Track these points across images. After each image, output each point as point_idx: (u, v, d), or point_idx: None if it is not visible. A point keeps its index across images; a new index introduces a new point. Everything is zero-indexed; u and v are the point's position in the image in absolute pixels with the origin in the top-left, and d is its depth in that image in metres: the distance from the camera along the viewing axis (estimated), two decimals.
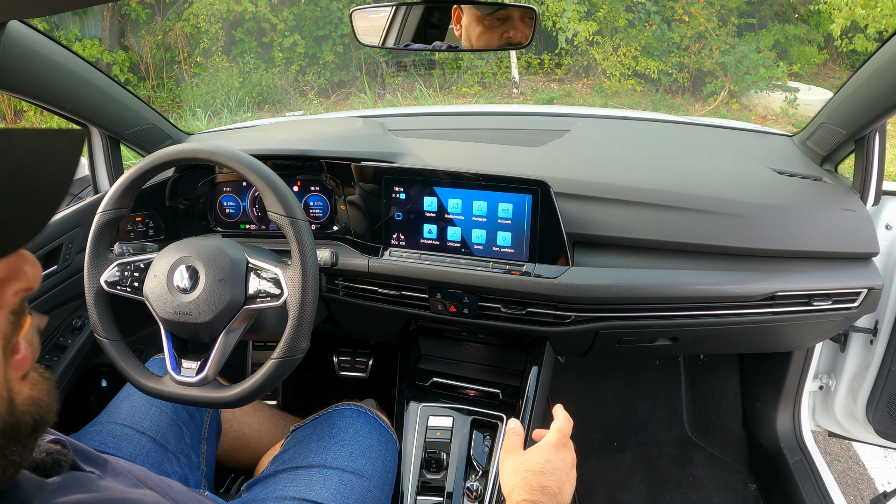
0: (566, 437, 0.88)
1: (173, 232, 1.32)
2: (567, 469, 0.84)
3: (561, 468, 0.83)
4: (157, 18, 7.07)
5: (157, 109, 1.39)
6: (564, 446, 0.87)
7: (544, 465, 0.83)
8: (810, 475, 1.49)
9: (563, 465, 0.84)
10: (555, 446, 0.86)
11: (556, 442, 0.87)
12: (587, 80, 7.01)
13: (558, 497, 0.79)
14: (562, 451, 0.86)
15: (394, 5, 1.07)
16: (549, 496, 0.79)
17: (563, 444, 0.87)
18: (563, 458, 0.85)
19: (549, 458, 0.84)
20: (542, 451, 0.85)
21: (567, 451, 0.87)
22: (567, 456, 0.86)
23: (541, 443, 0.87)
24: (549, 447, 0.86)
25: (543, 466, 0.82)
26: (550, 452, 0.85)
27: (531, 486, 0.79)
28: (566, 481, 0.82)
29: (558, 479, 0.81)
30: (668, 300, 1.07)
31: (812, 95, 6.01)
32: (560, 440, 0.87)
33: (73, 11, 6.65)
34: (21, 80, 1.01)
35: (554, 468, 0.82)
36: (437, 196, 1.12)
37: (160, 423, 1.02)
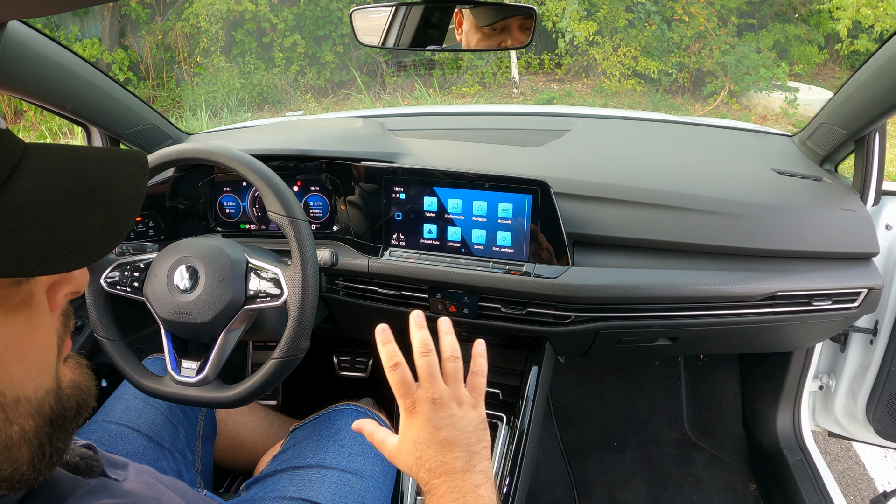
0: (404, 399, 0.67)
1: (173, 232, 1.32)
2: (434, 430, 0.65)
3: (423, 438, 0.65)
4: (157, 18, 7.07)
5: (157, 109, 1.39)
6: (409, 412, 0.67)
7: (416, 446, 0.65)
8: (810, 475, 1.49)
9: (423, 433, 0.65)
10: (404, 424, 0.67)
11: (403, 418, 0.67)
12: (587, 80, 7.01)
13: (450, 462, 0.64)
14: (411, 420, 0.66)
15: (394, 5, 1.07)
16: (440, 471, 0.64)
17: (406, 410, 0.67)
18: (418, 426, 0.66)
19: (411, 440, 0.66)
20: (403, 440, 0.67)
21: (416, 415, 0.66)
22: (418, 419, 0.66)
23: (399, 431, 0.68)
24: (402, 429, 0.67)
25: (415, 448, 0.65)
26: (405, 433, 0.67)
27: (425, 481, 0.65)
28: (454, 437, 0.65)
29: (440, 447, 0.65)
30: (668, 300, 1.07)
31: (812, 95, 6.01)
32: (403, 409, 0.67)
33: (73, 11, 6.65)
34: (21, 80, 1.01)
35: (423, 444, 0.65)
36: (437, 196, 1.12)
37: (155, 421, 1.03)
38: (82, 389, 0.47)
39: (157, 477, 0.68)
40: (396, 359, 0.68)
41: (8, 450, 0.40)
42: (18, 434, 0.41)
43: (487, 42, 1.05)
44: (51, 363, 0.43)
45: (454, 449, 0.65)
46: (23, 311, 0.40)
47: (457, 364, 0.71)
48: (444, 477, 0.64)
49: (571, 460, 1.73)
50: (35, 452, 0.42)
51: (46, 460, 0.44)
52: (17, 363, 0.40)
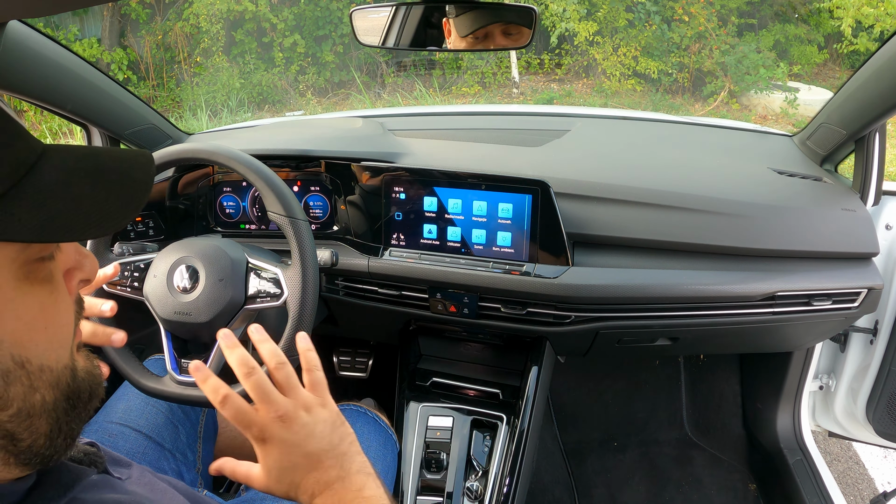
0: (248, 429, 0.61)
1: (173, 232, 1.32)
2: (291, 448, 0.61)
3: (286, 456, 0.61)
4: (157, 18, 7.07)
5: (157, 109, 1.39)
6: (260, 440, 0.61)
7: (280, 481, 0.61)
8: (810, 475, 1.49)
9: (283, 452, 0.61)
10: (260, 454, 0.61)
11: (257, 449, 0.62)
12: (587, 80, 7.01)
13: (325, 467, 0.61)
14: (268, 449, 0.61)
15: (394, 5, 1.07)
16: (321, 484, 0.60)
17: (258, 440, 0.61)
18: (278, 448, 0.61)
19: (276, 469, 0.61)
20: (267, 474, 0.62)
21: (270, 441, 0.61)
22: (277, 442, 0.61)
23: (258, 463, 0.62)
24: (260, 460, 0.62)
25: (281, 483, 0.61)
26: (266, 462, 0.61)
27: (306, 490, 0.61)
28: (310, 450, 0.61)
29: (306, 463, 0.61)
30: (668, 300, 1.07)
31: (812, 95, 6.01)
32: (254, 439, 0.61)
33: (73, 11, 6.65)
34: (21, 80, 1.01)
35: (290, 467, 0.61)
36: (437, 196, 1.12)
37: (156, 421, 1.03)
38: (94, 376, 0.51)
39: (157, 476, 0.68)
40: (223, 391, 0.61)
41: (30, 418, 0.43)
42: (40, 403, 0.44)
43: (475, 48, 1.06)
44: (68, 339, 0.47)
45: (322, 460, 0.61)
46: (46, 286, 0.44)
47: (286, 370, 0.64)
48: (325, 494, 0.60)
49: (571, 460, 1.73)
50: (53, 426, 0.45)
51: (62, 439, 0.46)
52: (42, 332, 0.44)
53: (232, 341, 0.65)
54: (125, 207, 0.44)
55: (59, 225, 0.40)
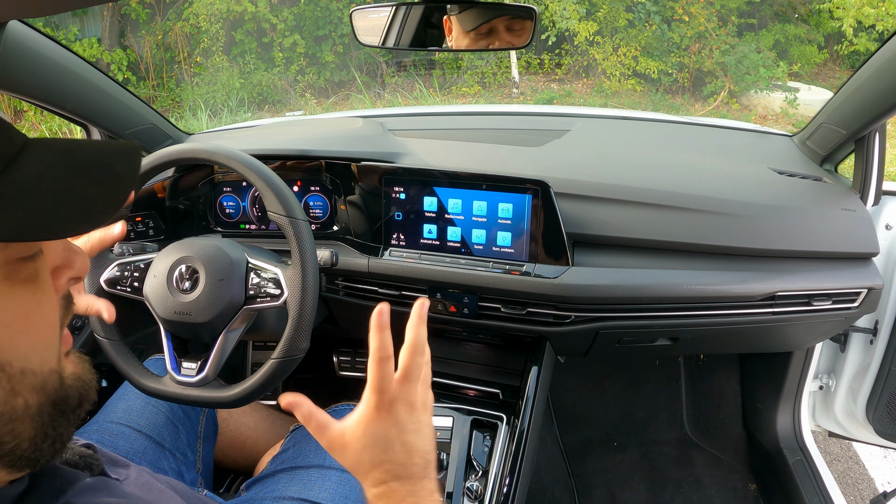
0: (379, 395, 0.62)
1: (173, 232, 1.32)
2: (402, 430, 0.62)
3: (393, 436, 0.61)
4: (157, 18, 7.07)
5: (157, 109, 1.39)
6: (379, 409, 0.62)
7: (373, 449, 0.61)
8: (810, 475, 1.49)
9: (393, 431, 0.61)
10: (368, 418, 0.62)
11: (367, 412, 0.62)
12: (587, 80, 7.01)
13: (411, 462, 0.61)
14: (383, 418, 0.62)
15: (394, 5, 1.07)
16: (399, 472, 0.61)
17: (376, 407, 0.62)
18: (390, 424, 0.62)
19: (373, 437, 0.61)
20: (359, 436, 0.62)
21: (390, 413, 0.62)
22: (393, 419, 0.62)
23: (353, 421, 0.63)
24: (363, 423, 0.62)
25: (372, 452, 0.61)
26: (367, 428, 0.61)
27: (374, 479, 0.61)
28: (412, 442, 0.62)
29: (402, 449, 0.61)
30: (668, 300, 1.07)
31: (812, 95, 6.01)
32: (373, 404, 0.62)
33: (73, 11, 6.65)
34: (21, 80, 1.01)
35: (386, 442, 0.61)
36: (436, 196, 1.12)
37: (156, 421, 1.03)
38: (84, 381, 0.49)
39: (155, 477, 0.68)
40: (388, 352, 0.62)
41: (11, 422, 0.42)
42: (23, 407, 0.42)
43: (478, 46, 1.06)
44: (54, 342, 0.46)
45: (415, 454, 0.62)
46: (29, 286, 0.42)
47: (429, 367, 0.67)
48: (404, 480, 0.60)
49: (571, 460, 1.73)
50: (37, 431, 0.44)
51: (48, 443, 0.45)
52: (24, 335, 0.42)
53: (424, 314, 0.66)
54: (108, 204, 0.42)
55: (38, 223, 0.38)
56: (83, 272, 0.49)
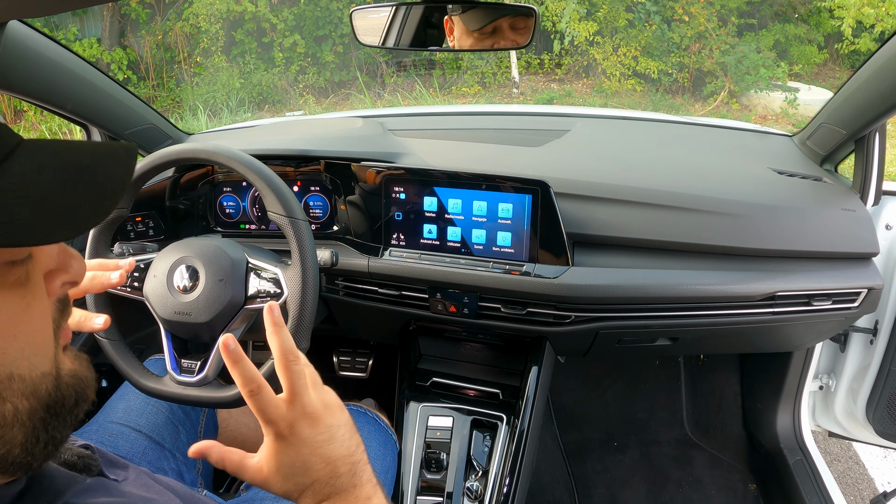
0: (272, 424, 0.58)
1: (173, 232, 1.32)
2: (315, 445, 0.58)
3: (306, 454, 0.58)
4: (157, 18, 7.07)
5: (157, 109, 1.39)
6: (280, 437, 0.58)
7: (293, 476, 0.58)
8: (810, 475, 1.49)
9: (305, 451, 0.58)
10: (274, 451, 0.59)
11: (271, 445, 0.59)
12: (587, 80, 7.01)
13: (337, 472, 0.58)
14: (289, 444, 0.58)
15: (394, 5, 1.07)
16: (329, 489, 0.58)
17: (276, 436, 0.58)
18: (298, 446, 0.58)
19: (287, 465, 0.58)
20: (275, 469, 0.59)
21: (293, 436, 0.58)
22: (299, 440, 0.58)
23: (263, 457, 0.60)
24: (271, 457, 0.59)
25: (293, 479, 0.58)
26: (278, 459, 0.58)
27: (309, 500, 0.58)
28: (328, 451, 0.59)
29: (321, 462, 0.58)
30: (668, 300, 1.07)
31: (812, 95, 6.01)
32: (272, 436, 0.58)
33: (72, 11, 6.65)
34: (21, 80, 1.01)
35: (302, 464, 0.58)
36: (436, 196, 1.12)
37: (156, 421, 1.03)
38: (82, 380, 0.48)
39: (154, 478, 0.68)
40: (257, 381, 0.57)
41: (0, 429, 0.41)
42: (11, 413, 0.41)
43: (481, 45, 1.05)
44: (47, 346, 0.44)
45: (337, 464, 0.59)
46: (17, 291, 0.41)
47: (310, 367, 0.64)
48: (336, 498, 0.58)
49: (571, 460, 1.73)
50: (28, 436, 0.43)
51: (41, 447, 0.44)
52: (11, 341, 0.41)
53: (279, 318, 0.61)
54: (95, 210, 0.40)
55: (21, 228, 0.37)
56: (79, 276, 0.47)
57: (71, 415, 0.47)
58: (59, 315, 0.47)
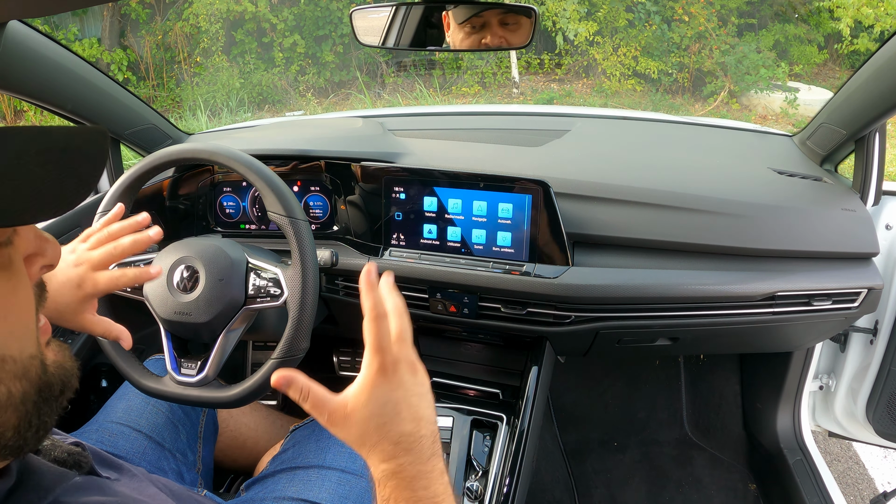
0: (381, 354, 0.58)
1: (173, 232, 1.32)
2: (408, 391, 0.58)
3: (400, 399, 0.57)
4: (157, 18, 7.07)
5: (157, 109, 1.39)
6: (383, 370, 0.58)
7: (380, 416, 0.57)
8: (810, 475, 1.49)
9: (399, 393, 0.58)
10: (372, 382, 0.58)
11: (370, 375, 0.58)
12: (587, 80, 7.01)
13: (418, 431, 0.57)
14: (389, 379, 0.58)
15: (394, 5, 1.07)
16: (409, 443, 0.56)
17: (380, 368, 0.58)
18: (395, 386, 0.58)
19: (379, 402, 0.57)
20: (365, 402, 0.57)
21: (395, 374, 0.58)
22: (398, 380, 0.58)
23: (356, 387, 0.59)
24: (367, 387, 0.58)
25: (379, 418, 0.56)
26: (373, 392, 0.57)
27: (383, 451, 0.56)
28: (418, 406, 0.58)
29: (409, 413, 0.57)
30: (668, 300, 1.07)
31: (812, 95, 6.01)
32: (375, 366, 0.58)
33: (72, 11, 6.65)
34: (21, 80, 1.01)
35: (393, 407, 0.57)
36: (437, 196, 1.12)
37: (156, 421, 1.03)
38: (66, 369, 0.49)
39: (150, 478, 0.67)
40: (383, 309, 0.59)
41: None
42: (6, 396, 0.42)
43: (470, 41, 1.06)
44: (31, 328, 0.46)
45: (422, 424, 0.57)
46: (4, 274, 0.43)
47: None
48: (414, 456, 0.56)
49: (571, 460, 1.73)
50: (22, 419, 0.44)
51: (33, 431, 0.45)
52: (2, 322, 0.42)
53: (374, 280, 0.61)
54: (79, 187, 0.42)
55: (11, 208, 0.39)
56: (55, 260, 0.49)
57: (57, 402, 0.48)
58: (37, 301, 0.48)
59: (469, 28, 1.04)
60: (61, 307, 0.80)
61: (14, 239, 0.44)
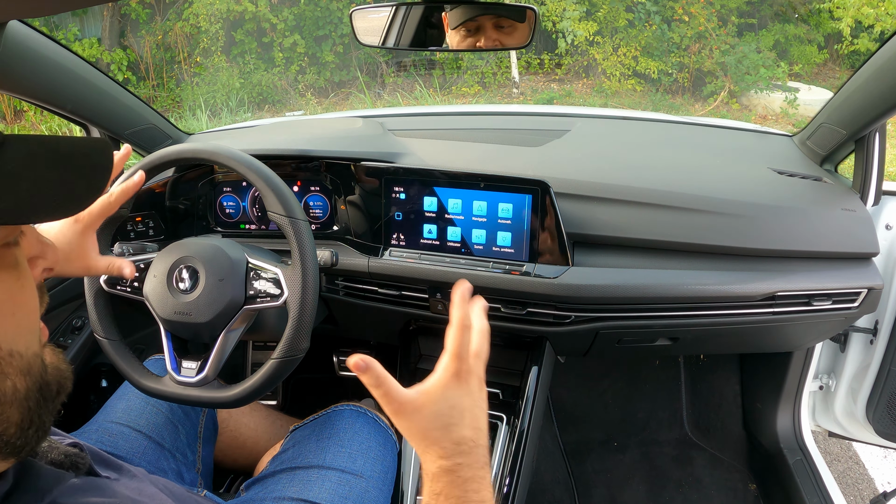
0: (460, 362, 0.65)
1: (173, 232, 1.32)
2: (475, 402, 0.65)
3: (466, 406, 0.64)
4: (157, 18, 7.07)
5: (157, 109, 1.39)
6: (459, 376, 0.64)
7: (447, 416, 0.62)
8: (810, 475, 1.49)
9: (467, 401, 0.64)
10: (446, 383, 0.64)
11: (446, 377, 0.64)
12: (587, 80, 7.01)
13: (477, 439, 0.63)
14: (461, 386, 0.64)
15: (394, 5, 1.07)
16: (468, 447, 0.61)
17: (455, 373, 0.64)
18: (465, 394, 0.64)
19: (449, 403, 0.63)
20: (436, 399, 0.63)
21: (467, 383, 0.65)
22: (469, 389, 0.65)
23: (429, 385, 0.63)
24: (440, 387, 0.63)
25: (446, 418, 0.62)
26: (445, 393, 0.63)
27: (443, 449, 0.61)
28: (479, 413, 0.66)
29: (471, 421, 0.63)
30: (668, 300, 1.07)
31: (812, 95, 6.01)
32: (452, 370, 0.64)
33: (72, 11, 6.65)
34: (21, 80, 1.01)
35: (460, 412, 0.63)
36: (436, 196, 1.12)
37: (156, 421, 1.03)
38: (61, 371, 0.52)
39: (150, 478, 0.68)
40: (470, 322, 0.68)
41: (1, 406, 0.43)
42: (11, 391, 0.44)
43: (466, 43, 1.06)
44: (35, 326, 0.48)
45: (480, 434, 0.64)
46: (13, 272, 0.45)
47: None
48: (470, 460, 0.60)
49: (571, 460, 1.73)
50: (24, 416, 0.45)
51: (33, 430, 0.47)
52: (10, 318, 0.44)
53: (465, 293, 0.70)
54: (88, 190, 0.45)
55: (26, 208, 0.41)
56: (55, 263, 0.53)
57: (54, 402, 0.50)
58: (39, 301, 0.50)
59: (464, 31, 1.04)
60: (66, 249, 0.84)
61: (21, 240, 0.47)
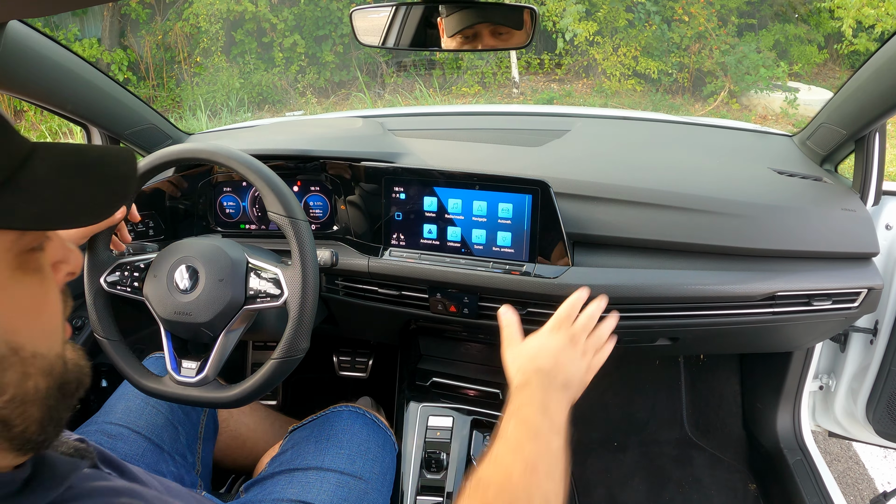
0: (563, 321, 0.88)
1: (173, 232, 1.32)
2: (561, 347, 0.85)
3: (555, 347, 0.84)
4: (157, 18, 7.07)
5: (157, 109, 1.39)
6: (558, 329, 0.87)
7: (538, 349, 0.85)
8: (810, 475, 1.49)
9: (556, 345, 0.85)
10: (548, 331, 0.88)
11: (549, 327, 0.88)
12: (587, 80, 7.01)
13: (553, 374, 0.82)
14: (555, 333, 0.87)
15: (394, 5, 1.07)
16: (543, 375, 0.81)
17: (557, 326, 0.88)
18: (557, 339, 0.86)
19: (542, 342, 0.86)
20: (537, 337, 0.87)
21: (561, 332, 0.87)
22: (560, 336, 0.86)
23: (538, 331, 0.89)
24: (543, 332, 0.88)
25: (537, 350, 0.85)
26: (543, 336, 0.87)
27: (525, 371, 0.82)
28: (565, 362, 0.84)
29: (553, 359, 0.83)
30: (668, 300, 1.07)
31: (812, 95, 6.01)
32: (555, 324, 0.88)
33: (73, 11, 6.65)
34: (21, 80, 1.01)
35: (548, 349, 0.84)
36: (436, 196, 1.12)
37: (155, 422, 1.02)
38: (81, 367, 0.53)
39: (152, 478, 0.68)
40: (578, 307, 0.91)
41: (23, 404, 0.45)
42: (33, 390, 0.45)
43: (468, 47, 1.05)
44: (59, 328, 0.50)
45: (572, 380, 0.85)
46: (37, 276, 0.47)
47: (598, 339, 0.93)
48: (560, 395, 0.84)
49: (571, 460, 1.73)
50: (45, 414, 0.47)
51: (52, 426, 0.48)
52: (35, 321, 0.46)
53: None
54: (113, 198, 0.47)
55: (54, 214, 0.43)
56: (78, 268, 0.54)
57: (73, 398, 0.51)
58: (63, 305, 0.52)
59: (461, 39, 1.03)
60: None
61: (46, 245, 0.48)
